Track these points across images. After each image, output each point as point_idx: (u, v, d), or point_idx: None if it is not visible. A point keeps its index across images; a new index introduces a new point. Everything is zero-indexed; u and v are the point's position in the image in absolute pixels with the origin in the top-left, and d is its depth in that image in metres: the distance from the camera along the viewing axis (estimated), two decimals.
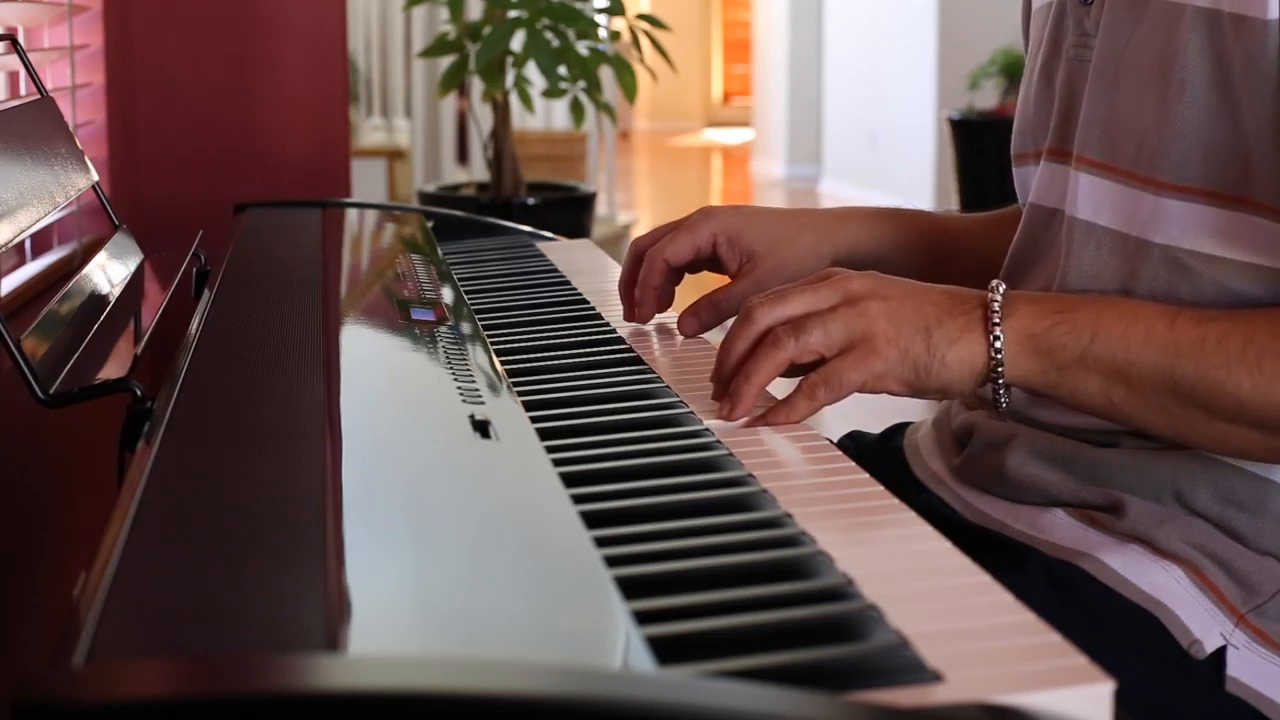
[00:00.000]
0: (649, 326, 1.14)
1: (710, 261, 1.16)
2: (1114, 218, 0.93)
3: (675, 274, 1.15)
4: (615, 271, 1.36)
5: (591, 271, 1.37)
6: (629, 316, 1.13)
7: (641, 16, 3.66)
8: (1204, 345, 0.83)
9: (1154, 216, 0.90)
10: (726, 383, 0.90)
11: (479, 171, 4.54)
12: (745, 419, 0.88)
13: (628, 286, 1.14)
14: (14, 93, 1.69)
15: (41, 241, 1.68)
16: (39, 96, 1.28)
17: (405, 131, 5.54)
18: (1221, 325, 0.83)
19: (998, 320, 0.86)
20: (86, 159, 1.29)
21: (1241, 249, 0.87)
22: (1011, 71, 5.81)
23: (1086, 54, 0.97)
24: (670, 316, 1.16)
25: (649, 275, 1.12)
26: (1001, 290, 0.87)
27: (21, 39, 1.54)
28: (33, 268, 1.59)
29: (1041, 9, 1.05)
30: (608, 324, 1.14)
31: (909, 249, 1.16)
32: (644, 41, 3.61)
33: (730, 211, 1.16)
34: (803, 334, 0.87)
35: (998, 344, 0.86)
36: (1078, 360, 0.85)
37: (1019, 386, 0.88)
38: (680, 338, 1.10)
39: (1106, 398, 0.86)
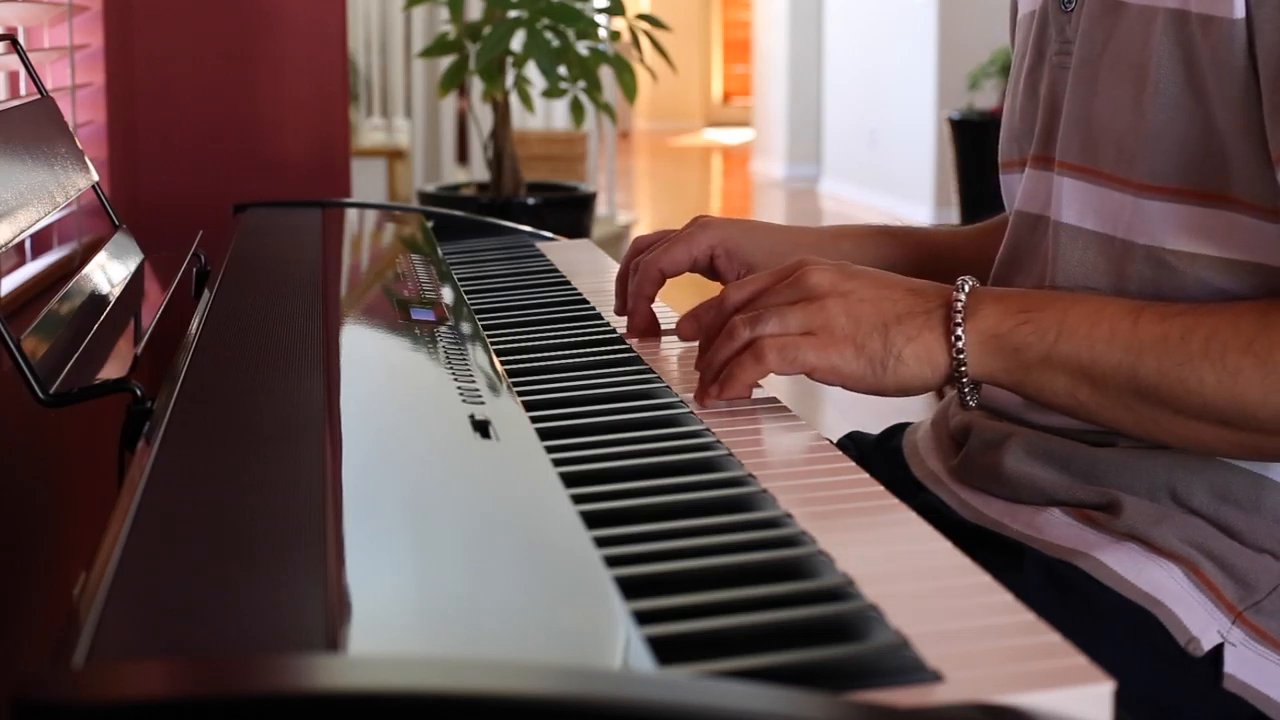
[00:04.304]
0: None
1: (706, 272, 1.17)
2: (1098, 221, 0.94)
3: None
4: (615, 271, 1.37)
5: (591, 271, 1.37)
6: (620, 310, 1.14)
7: (641, 16, 3.66)
8: (1167, 343, 0.83)
9: (1136, 218, 0.91)
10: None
11: (479, 171, 4.55)
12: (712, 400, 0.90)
13: (624, 281, 1.14)
14: (14, 93, 1.69)
15: (41, 241, 1.68)
16: (39, 96, 1.28)
17: (405, 131, 5.55)
18: (1185, 321, 0.83)
19: (960, 320, 0.86)
20: (86, 159, 1.29)
21: (1222, 246, 0.88)
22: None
23: (1068, 60, 0.97)
24: (668, 316, 1.16)
25: (643, 285, 1.12)
26: (967, 288, 0.87)
27: (21, 39, 1.54)
28: (33, 268, 1.59)
29: (1026, 17, 1.06)
30: (608, 324, 1.14)
31: (901, 268, 1.17)
32: (644, 41, 3.61)
33: (727, 224, 1.16)
34: (758, 324, 0.88)
35: (959, 344, 0.86)
36: (1042, 360, 0.85)
37: (985, 382, 0.88)
38: (690, 326, 1.10)
39: (1073, 397, 0.86)
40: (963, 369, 0.86)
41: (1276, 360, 0.80)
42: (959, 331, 0.86)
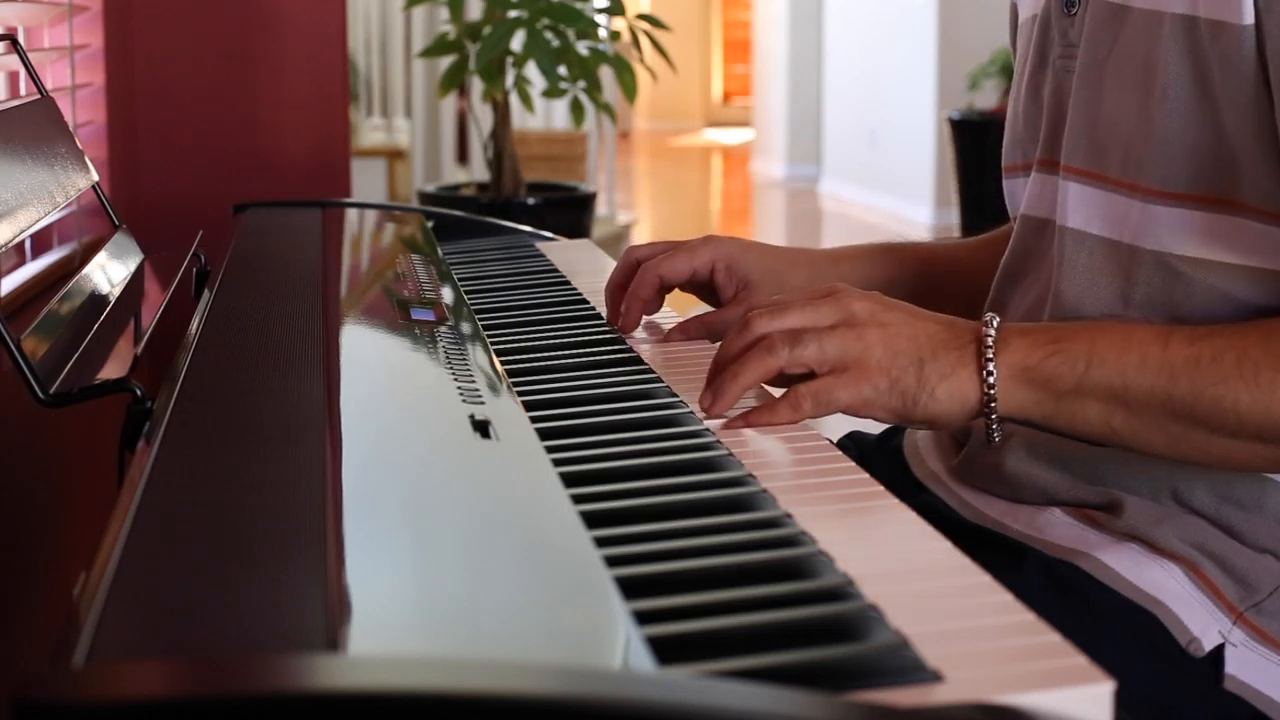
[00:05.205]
0: (647, 327, 1.14)
1: (704, 288, 1.17)
2: (1104, 226, 0.94)
3: (664, 290, 1.15)
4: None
5: (591, 271, 1.37)
6: (613, 320, 1.13)
7: (641, 16, 3.66)
8: (1199, 364, 0.83)
9: (1143, 223, 0.91)
10: (714, 380, 0.90)
11: (479, 171, 4.55)
12: (724, 416, 0.88)
13: (615, 290, 1.14)
14: (14, 93, 1.69)
15: (41, 241, 1.68)
16: (39, 96, 1.28)
17: (405, 131, 5.55)
18: (1215, 342, 0.83)
19: (990, 355, 0.86)
20: (86, 159, 1.29)
21: (1232, 252, 0.88)
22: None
23: (1072, 64, 0.97)
24: (667, 317, 1.16)
25: (639, 287, 1.12)
26: (995, 324, 0.87)
27: (21, 39, 1.54)
28: (33, 268, 1.59)
29: (1028, 21, 1.06)
30: (607, 324, 1.14)
31: (901, 286, 1.16)
32: (644, 41, 3.61)
33: (731, 241, 1.16)
34: (798, 345, 0.87)
35: (990, 379, 0.86)
36: (1074, 389, 0.85)
37: (1015, 419, 0.88)
38: (679, 337, 1.10)
39: (1106, 424, 0.86)
40: (992, 404, 0.86)
41: None
42: (990, 367, 0.86)
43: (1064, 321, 0.95)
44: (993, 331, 0.87)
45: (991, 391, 0.86)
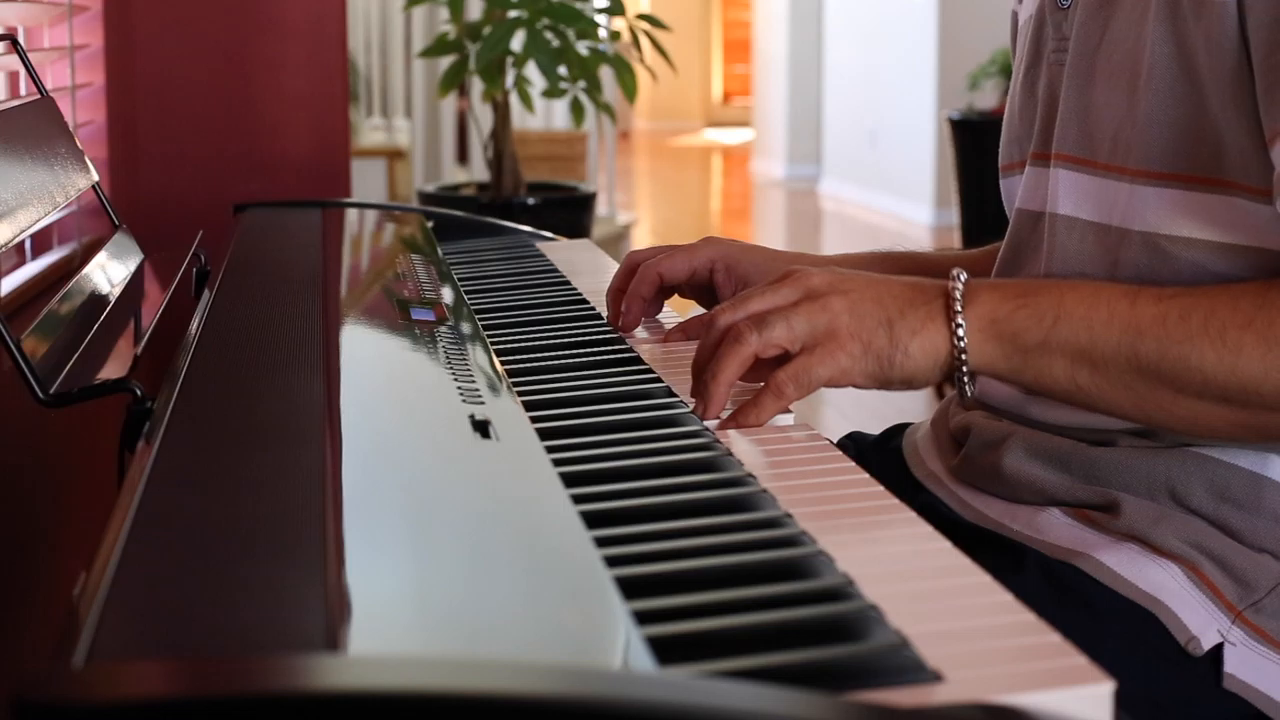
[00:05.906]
0: (648, 328, 1.14)
1: (703, 290, 1.17)
2: (1094, 210, 0.94)
3: (665, 291, 1.16)
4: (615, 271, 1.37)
5: (591, 271, 1.37)
6: (614, 321, 1.13)
7: (641, 16, 3.66)
8: (1166, 321, 0.83)
9: (1131, 205, 0.91)
10: (697, 385, 0.90)
11: (479, 171, 4.55)
12: (718, 419, 0.88)
13: (616, 294, 1.14)
14: (14, 93, 1.69)
15: (41, 241, 1.68)
16: (39, 96, 1.28)
17: (405, 131, 5.55)
18: (1183, 301, 0.84)
19: (959, 308, 0.86)
20: (86, 159, 1.29)
21: (1218, 230, 0.88)
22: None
23: (1064, 57, 0.98)
24: (667, 317, 1.16)
25: (639, 286, 1.13)
26: (962, 279, 0.87)
27: (21, 39, 1.54)
28: (33, 268, 1.59)
29: (1025, 23, 1.06)
30: (607, 324, 1.14)
31: None
32: (644, 41, 3.61)
33: (730, 243, 1.18)
34: (765, 328, 0.87)
35: (960, 331, 0.86)
36: (1041, 344, 0.85)
37: (984, 373, 0.88)
38: (679, 337, 1.10)
39: (1072, 381, 0.86)
40: (963, 357, 0.86)
41: (1277, 335, 0.81)
42: (959, 320, 0.86)
43: (1034, 278, 0.95)
44: (960, 285, 0.87)
45: (962, 344, 0.86)
